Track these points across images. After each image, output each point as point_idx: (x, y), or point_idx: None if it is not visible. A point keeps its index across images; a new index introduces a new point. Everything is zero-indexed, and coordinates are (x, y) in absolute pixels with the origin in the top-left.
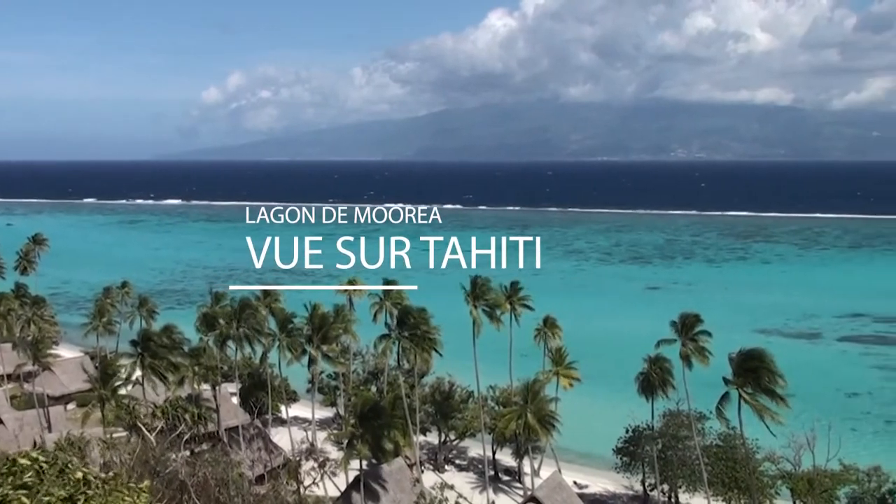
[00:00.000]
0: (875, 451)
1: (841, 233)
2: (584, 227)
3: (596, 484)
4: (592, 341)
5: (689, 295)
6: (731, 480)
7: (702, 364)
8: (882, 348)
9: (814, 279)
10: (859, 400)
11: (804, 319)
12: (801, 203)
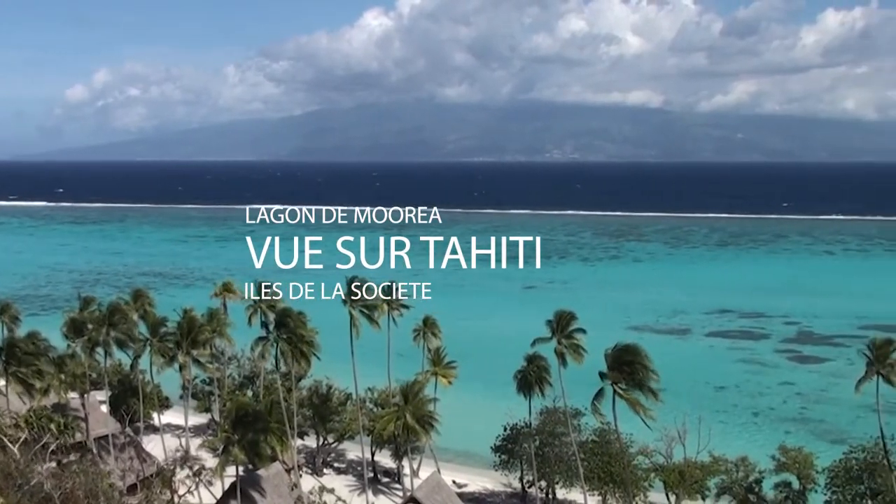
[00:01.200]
0: (742, 442)
1: (708, 231)
2: (462, 227)
3: (475, 483)
4: (471, 341)
5: (564, 293)
6: (606, 475)
7: (576, 362)
8: (747, 343)
9: (683, 277)
10: (727, 393)
11: (674, 316)
12: (671, 203)
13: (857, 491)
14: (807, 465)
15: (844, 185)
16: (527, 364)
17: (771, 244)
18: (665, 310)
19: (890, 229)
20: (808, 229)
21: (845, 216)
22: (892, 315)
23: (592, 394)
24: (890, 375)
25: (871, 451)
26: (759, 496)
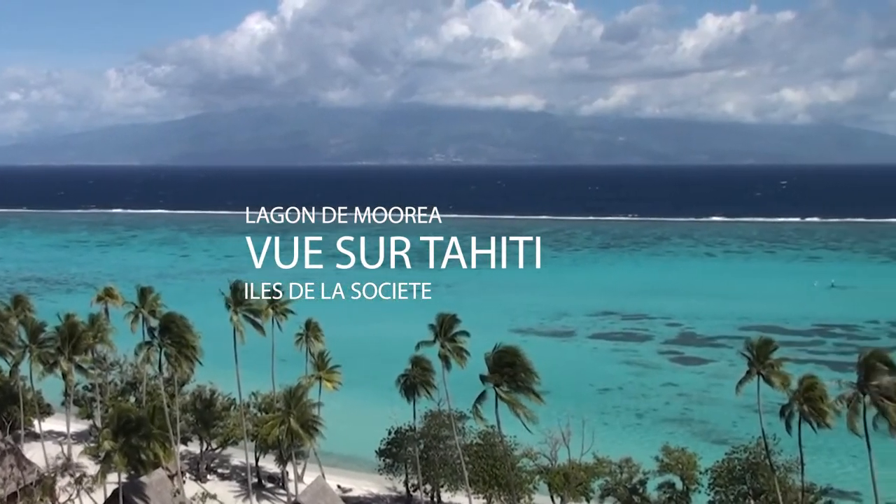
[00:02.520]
0: (626, 444)
1: (591, 234)
2: (344, 230)
3: (360, 487)
4: (356, 345)
5: (449, 296)
6: (491, 477)
7: (460, 364)
8: (630, 344)
9: (566, 279)
10: (611, 394)
11: (558, 318)
12: (553, 205)
13: (740, 491)
14: (690, 466)
15: (725, 187)
16: (410, 367)
17: (653, 246)
18: (549, 312)
19: (770, 231)
20: (690, 231)
21: (727, 218)
22: (772, 316)
23: (477, 396)
24: (770, 376)
25: (752, 451)
26: (643, 497)
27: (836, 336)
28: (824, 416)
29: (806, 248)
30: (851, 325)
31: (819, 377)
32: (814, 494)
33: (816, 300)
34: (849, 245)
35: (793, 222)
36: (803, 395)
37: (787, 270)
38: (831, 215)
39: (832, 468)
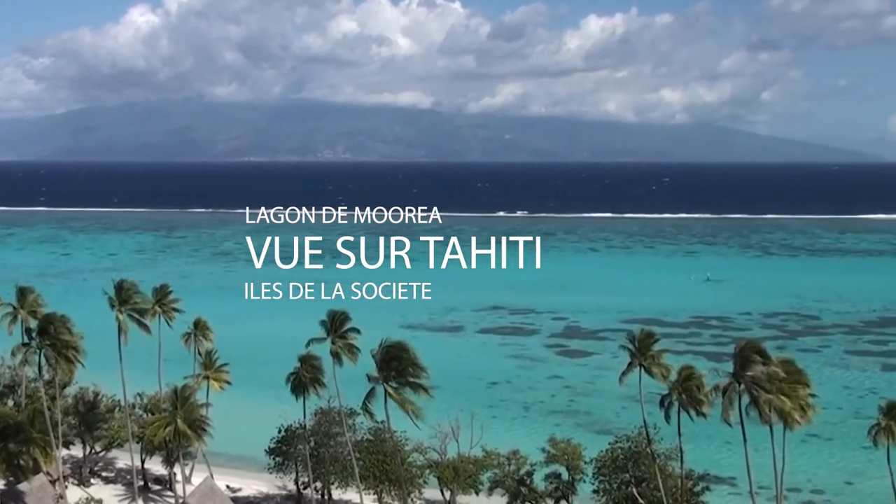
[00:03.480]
0: (514, 436)
1: (479, 230)
2: (232, 227)
3: (250, 486)
4: (245, 343)
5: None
6: (381, 473)
7: (351, 361)
8: (517, 338)
9: (454, 274)
10: (499, 388)
11: (447, 314)
12: (441, 202)
13: (623, 479)
14: (575, 456)
15: (608, 184)
16: (300, 365)
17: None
18: (438, 308)
19: (650, 226)
20: (574, 227)
21: (610, 214)
22: (652, 309)
23: (366, 393)
24: (651, 367)
25: (634, 440)
26: (531, 488)
27: (712, 328)
28: (701, 405)
29: (684, 243)
30: (726, 316)
31: (696, 367)
32: (692, 480)
33: (694, 293)
34: (723, 240)
35: (671, 218)
36: (682, 386)
37: (666, 265)
38: (707, 211)
39: (709, 455)
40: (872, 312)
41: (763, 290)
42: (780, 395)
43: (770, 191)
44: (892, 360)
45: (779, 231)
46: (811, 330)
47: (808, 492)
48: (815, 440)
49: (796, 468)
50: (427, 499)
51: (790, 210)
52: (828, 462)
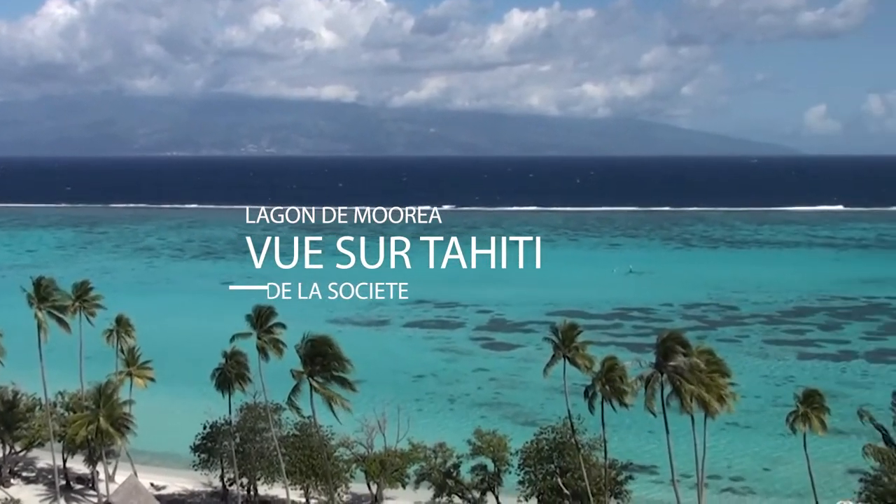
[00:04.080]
0: (440, 429)
1: (405, 224)
2: (154, 223)
3: (174, 484)
4: (168, 339)
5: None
6: (308, 468)
7: (277, 356)
8: (443, 332)
9: (380, 269)
10: (425, 381)
11: (373, 308)
12: (364, 197)
13: (548, 470)
14: (501, 448)
15: (532, 177)
16: (225, 360)
17: (464, 235)
18: (364, 302)
19: (574, 219)
20: (499, 221)
21: (535, 207)
22: (576, 301)
23: (292, 387)
24: (575, 358)
25: (559, 431)
26: (457, 480)
27: (634, 319)
28: (624, 396)
29: (607, 235)
30: (648, 308)
31: (619, 358)
32: (616, 470)
33: (617, 285)
34: (645, 232)
35: (595, 211)
36: (605, 376)
37: (589, 257)
38: (630, 204)
39: (632, 444)
40: (789, 302)
41: (684, 282)
42: (701, 385)
43: (691, 184)
44: (809, 348)
45: (699, 223)
46: (730, 320)
47: (728, 479)
48: (734, 428)
49: (717, 456)
50: (354, 493)
51: (710, 203)
52: (747, 449)
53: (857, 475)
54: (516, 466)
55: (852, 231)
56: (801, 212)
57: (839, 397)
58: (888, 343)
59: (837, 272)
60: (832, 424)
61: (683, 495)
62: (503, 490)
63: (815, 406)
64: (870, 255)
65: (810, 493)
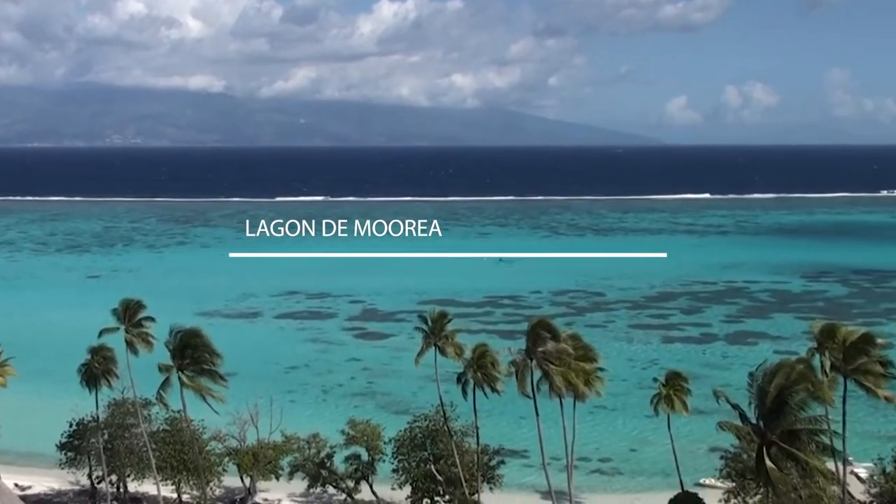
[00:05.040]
0: (314, 419)
1: (274, 215)
2: (14, 216)
3: (40, 483)
4: (31, 335)
5: (132, 282)
6: (179, 463)
7: (146, 350)
8: (315, 322)
9: (251, 260)
10: (298, 372)
11: (244, 300)
12: (236, 188)
13: (421, 457)
14: (374, 437)
15: (403, 168)
16: (91, 356)
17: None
18: (234, 294)
19: (444, 209)
20: (370, 211)
21: (410, 197)
22: (447, 290)
23: (161, 382)
24: (445, 346)
25: (432, 418)
26: (331, 470)
27: (504, 306)
28: (496, 382)
29: (477, 224)
30: (518, 295)
31: (490, 345)
32: (488, 455)
33: (487, 273)
34: (514, 221)
35: (465, 201)
36: (477, 363)
37: (460, 246)
38: (499, 194)
39: (504, 429)
40: (653, 288)
41: (552, 270)
42: (570, 370)
43: (558, 173)
44: (672, 332)
45: (566, 212)
46: (597, 306)
47: (597, 460)
48: (602, 411)
49: (586, 439)
50: (227, 486)
51: (577, 192)
52: (614, 431)
53: (718, 453)
54: (390, 455)
55: (712, 218)
56: (664, 200)
57: (701, 379)
58: (746, 326)
59: (698, 258)
60: (694, 405)
61: (554, 478)
62: (377, 479)
63: (678, 388)
64: (729, 242)
65: (675, 472)
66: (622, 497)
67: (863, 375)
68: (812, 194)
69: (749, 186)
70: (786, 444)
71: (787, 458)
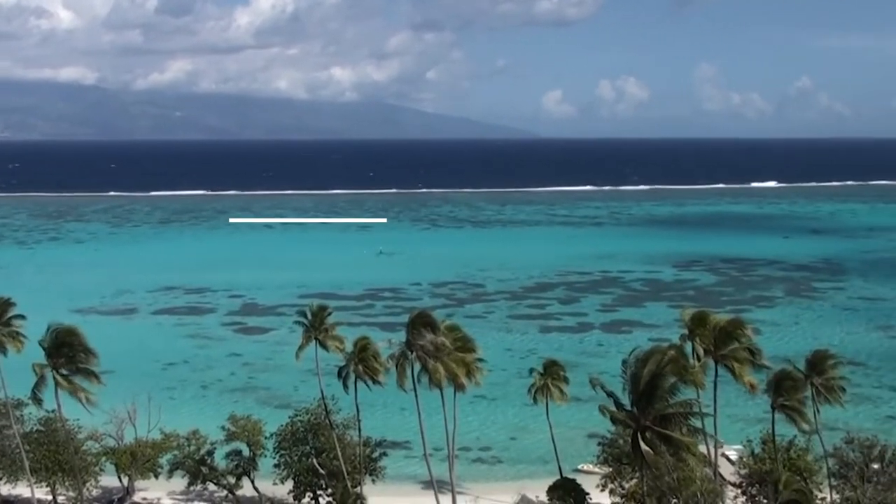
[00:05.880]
0: (193, 416)
1: (151, 209)
2: None
3: None
4: None
5: (0, 279)
6: (54, 464)
7: (16, 349)
8: (194, 318)
9: (127, 256)
10: (176, 369)
11: (120, 296)
12: (110, 182)
13: (303, 451)
14: (255, 432)
15: (281, 160)
16: None
17: (213, 220)
18: (109, 290)
19: (324, 202)
20: (248, 204)
21: (290, 191)
22: (327, 283)
23: (35, 381)
24: (326, 340)
25: (314, 412)
26: (212, 467)
27: (385, 299)
28: (377, 374)
29: (356, 217)
30: (399, 288)
31: (371, 338)
32: (370, 448)
33: (367, 266)
34: (394, 214)
35: (345, 194)
36: (358, 356)
37: (340, 239)
38: (380, 186)
39: (386, 421)
40: (531, 279)
41: (432, 262)
42: (449, 361)
43: (437, 166)
44: (550, 322)
45: (446, 204)
46: (477, 297)
47: (477, 449)
48: (482, 401)
49: (467, 428)
50: (104, 486)
51: (456, 184)
52: (495, 420)
53: (595, 439)
54: (271, 450)
55: (587, 210)
56: (541, 192)
57: (578, 367)
58: (620, 314)
59: (574, 249)
60: (572, 393)
61: (436, 468)
62: (259, 474)
63: (556, 377)
64: (603, 233)
65: (554, 459)
66: (504, 485)
67: (732, 361)
68: (683, 186)
69: (623, 179)
70: (659, 428)
71: (661, 442)
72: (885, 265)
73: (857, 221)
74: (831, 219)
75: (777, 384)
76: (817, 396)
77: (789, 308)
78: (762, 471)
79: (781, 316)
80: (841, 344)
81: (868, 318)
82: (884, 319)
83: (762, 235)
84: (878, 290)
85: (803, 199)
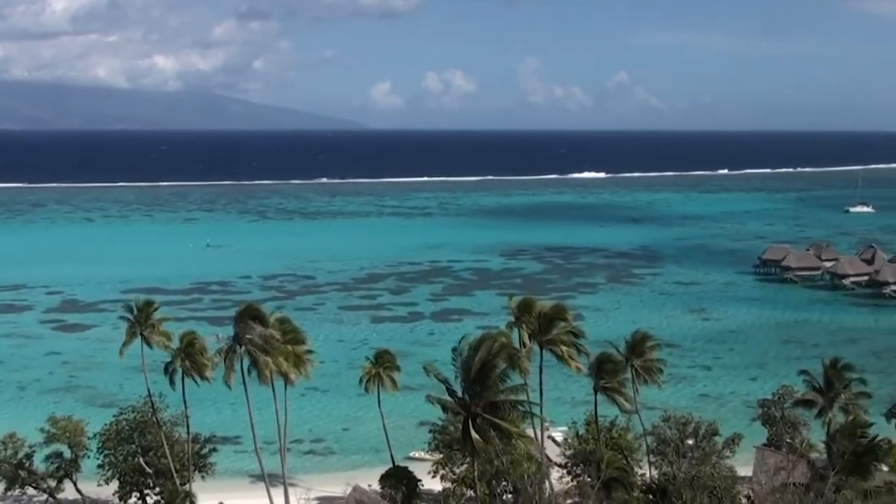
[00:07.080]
0: (10, 418)
1: None
2: None
3: None
4: None
5: None
6: None
7: None
8: (9, 316)
9: None
10: None
11: None
12: None
13: (129, 450)
14: (77, 433)
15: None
16: None
17: (28, 213)
18: None
19: (147, 195)
20: (67, 197)
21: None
22: (153, 277)
23: None
24: (151, 336)
25: (140, 410)
26: (30, 471)
27: (213, 293)
28: (205, 370)
29: (182, 210)
30: (227, 281)
31: (199, 333)
32: (199, 444)
33: (194, 260)
34: (222, 206)
35: (169, 186)
36: (185, 352)
37: (165, 232)
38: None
39: (216, 417)
40: (362, 270)
41: (262, 254)
42: (279, 355)
43: (264, 157)
44: (381, 312)
45: (275, 196)
46: (307, 289)
47: (310, 441)
48: (314, 393)
49: (298, 421)
50: None
51: (285, 176)
52: (326, 412)
53: (426, 427)
54: (95, 450)
55: (416, 200)
56: (370, 183)
57: (410, 356)
58: (450, 303)
59: (405, 240)
60: (403, 382)
61: (267, 462)
62: (82, 475)
63: (387, 366)
64: (432, 223)
65: (386, 448)
66: (337, 476)
67: (556, 345)
68: (509, 177)
69: (451, 169)
70: (489, 415)
71: (490, 428)
72: (698, 251)
73: (672, 210)
74: (649, 208)
75: (599, 367)
76: (637, 377)
77: (611, 293)
78: (586, 451)
79: (604, 301)
80: (659, 327)
81: (683, 301)
82: (697, 303)
83: (585, 224)
84: (692, 274)
85: (623, 189)
